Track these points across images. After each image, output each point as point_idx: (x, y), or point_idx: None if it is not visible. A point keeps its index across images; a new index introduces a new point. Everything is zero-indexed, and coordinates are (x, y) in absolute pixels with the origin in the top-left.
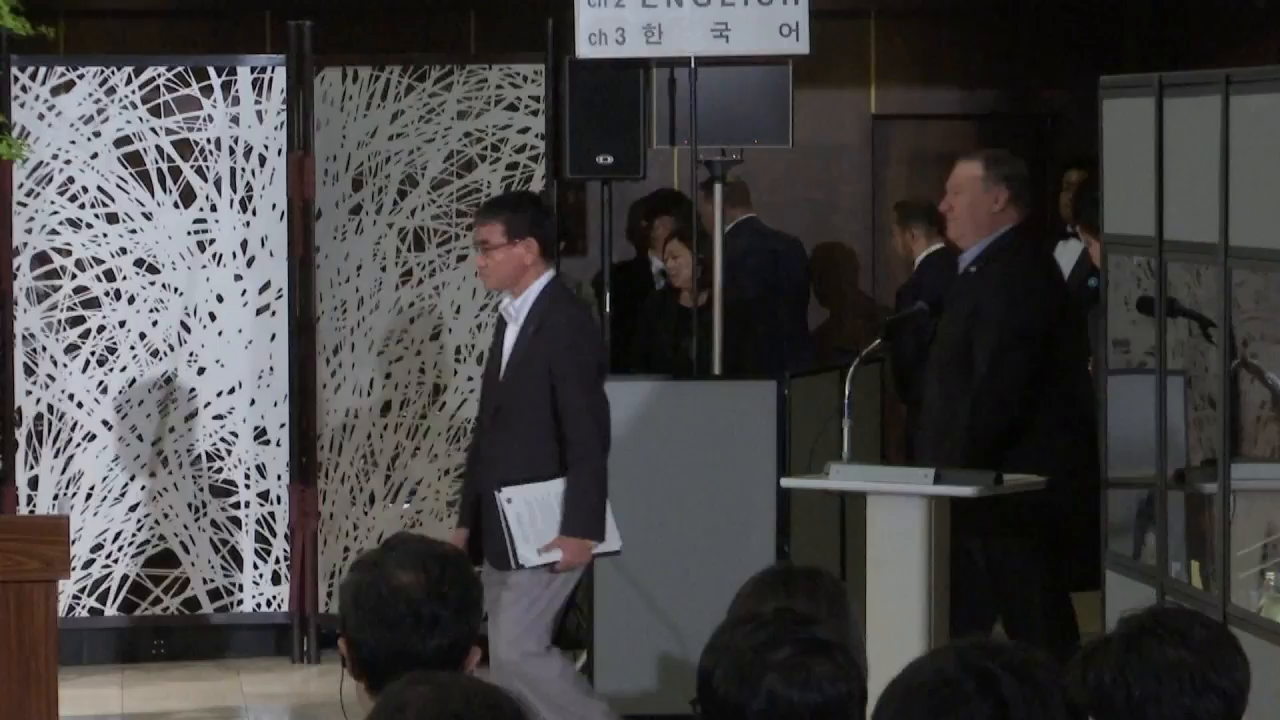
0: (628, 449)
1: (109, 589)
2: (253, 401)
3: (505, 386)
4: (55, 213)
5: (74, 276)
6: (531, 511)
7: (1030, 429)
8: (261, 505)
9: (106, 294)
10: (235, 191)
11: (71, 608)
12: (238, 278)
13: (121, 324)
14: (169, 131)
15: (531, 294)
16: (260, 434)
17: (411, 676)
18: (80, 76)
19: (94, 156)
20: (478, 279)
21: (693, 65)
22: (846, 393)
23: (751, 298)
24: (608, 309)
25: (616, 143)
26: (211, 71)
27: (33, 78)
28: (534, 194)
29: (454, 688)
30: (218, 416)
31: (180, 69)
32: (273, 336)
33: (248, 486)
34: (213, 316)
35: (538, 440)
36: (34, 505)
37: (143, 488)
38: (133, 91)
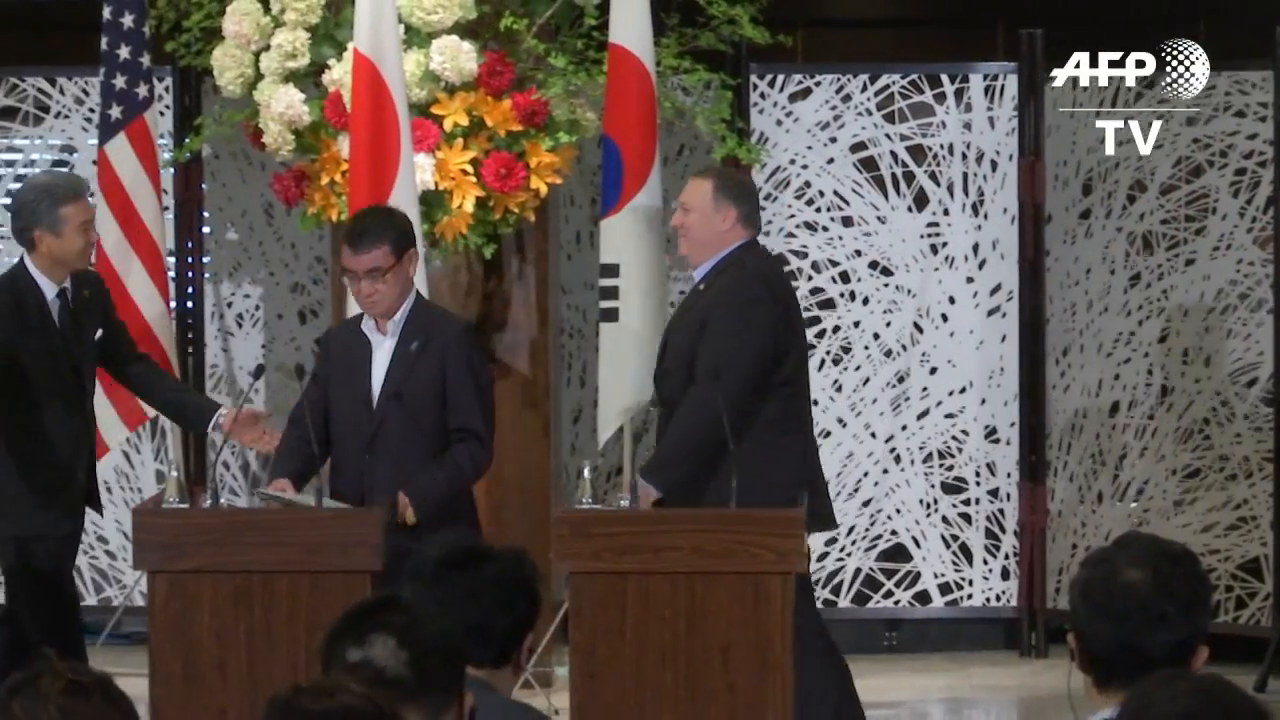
0: None
1: (842, 581)
2: (983, 401)
3: (383, 410)
4: (792, 216)
5: (810, 278)
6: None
7: (746, 441)
8: (991, 502)
9: (841, 295)
10: (967, 196)
11: None
12: (969, 280)
13: (856, 324)
14: (903, 137)
15: (404, 309)
16: (990, 433)
17: (1161, 675)
18: (817, 84)
19: (830, 162)
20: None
21: None
22: None
23: None
24: None
25: None
26: (944, 79)
27: (771, 85)
28: (390, 207)
29: (1203, 687)
30: (949, 415)
31: (914, 76)
32: (1003, 337)
33: (978, 484)
34: (945, 318)
35: (418, 462)
36: None
37: (875, 484)
38: (868, 98)
